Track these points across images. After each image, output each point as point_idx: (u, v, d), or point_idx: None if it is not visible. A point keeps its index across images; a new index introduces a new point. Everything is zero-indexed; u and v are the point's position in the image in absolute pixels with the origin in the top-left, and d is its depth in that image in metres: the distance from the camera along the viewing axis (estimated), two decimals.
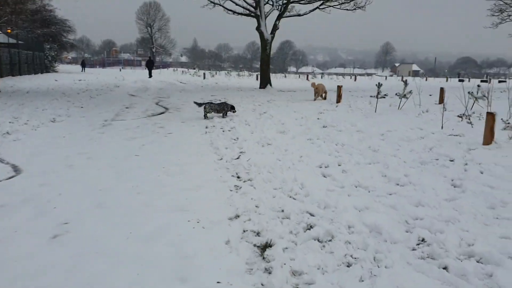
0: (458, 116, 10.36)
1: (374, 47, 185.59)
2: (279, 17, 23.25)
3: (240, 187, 5.41)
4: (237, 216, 4.45)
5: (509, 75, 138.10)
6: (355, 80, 47.58)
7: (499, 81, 51.16)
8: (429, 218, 4.11)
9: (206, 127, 9.98)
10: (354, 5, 23.11)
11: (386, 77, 63.45)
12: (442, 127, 9.24)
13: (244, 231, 4.08)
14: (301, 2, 23.41)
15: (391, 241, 3.72)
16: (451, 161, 6.38)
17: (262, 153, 7.14)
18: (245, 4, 23.25)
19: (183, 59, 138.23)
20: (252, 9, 23.10)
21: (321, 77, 54.39)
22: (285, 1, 23.03)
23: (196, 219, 4.33)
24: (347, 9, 23.34)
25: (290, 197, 4.99)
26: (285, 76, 56.45)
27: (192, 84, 29.95)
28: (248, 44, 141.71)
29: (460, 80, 54.33)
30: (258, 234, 4.01)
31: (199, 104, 11.37)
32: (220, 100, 13.68)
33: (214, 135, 9.02)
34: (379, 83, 12.44)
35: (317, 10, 23.59)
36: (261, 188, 5.29)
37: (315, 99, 16.11)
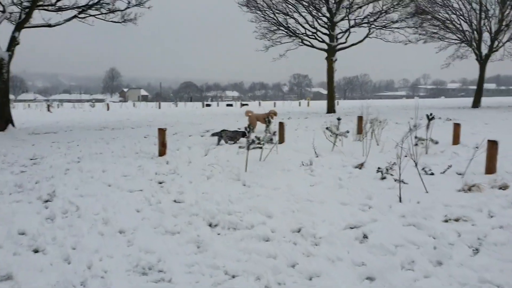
0: (378, 171, 7.06)
1: (99, 72, 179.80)
2: (19, 27, 15.59)
3: None
4: None
5: (224, 97, 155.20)
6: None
7: (227, 105, 54.17)
8: None
9: None
10: (123, 17, 17.96)
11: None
12: (400, 200, 5.65)
13: None
14: (50, 9, 16.57)
15: None
16: None
17: None
18: None
19: None
20: None
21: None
22: (25, 6, 15.60)
23: None
24: (114, 21, 17.95)
25: None
26: (13, 106, 44.73)
27: None
28: None
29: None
30: None
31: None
32: None
33: None
34: (245, 129, 8.08)
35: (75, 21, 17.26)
36: None
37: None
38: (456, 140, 10.61)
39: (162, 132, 8.85)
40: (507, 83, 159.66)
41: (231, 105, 54.53)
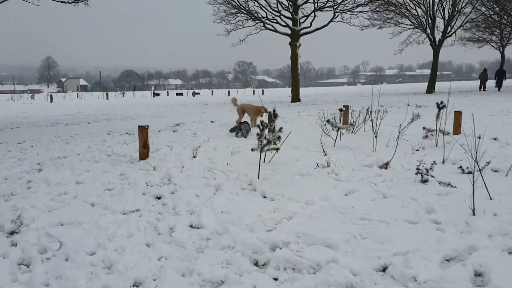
0: (418, 173, 5.99)
1: (33, 61, 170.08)
2: None
3: None
4: None
5: (167, 85, 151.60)
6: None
7: (177, 94, 52.46)
8: None
9: None
10: None
11: (58, 93, 54.80)
12: (474, 213, 4.61)
13: None
14: None
15: None
16: None
17: None
18: None
19: None
20: None
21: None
22: None
23: None
24: (62, 1, 15.70)
25: None
26: None
27: None
28: None
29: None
30: None
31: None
32: None
33: None
34: (260, 125, 6.76)
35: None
36: None
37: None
38: (457, 129, 9.85)
39: (144, 130, 7.31)
40: (441, 69, 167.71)
41: (181, 93, 52.41)
